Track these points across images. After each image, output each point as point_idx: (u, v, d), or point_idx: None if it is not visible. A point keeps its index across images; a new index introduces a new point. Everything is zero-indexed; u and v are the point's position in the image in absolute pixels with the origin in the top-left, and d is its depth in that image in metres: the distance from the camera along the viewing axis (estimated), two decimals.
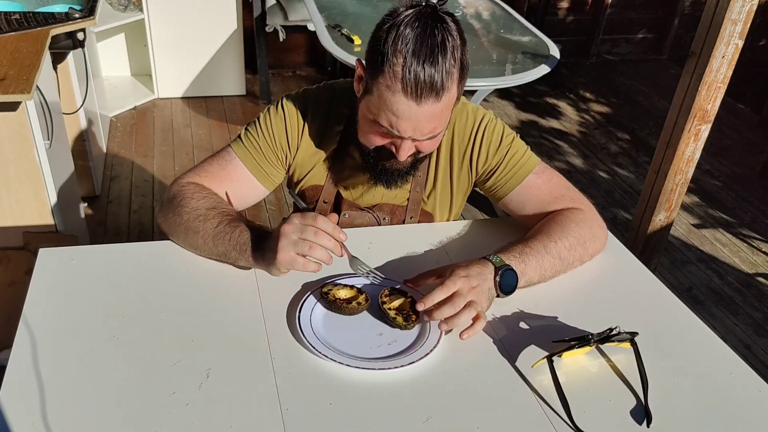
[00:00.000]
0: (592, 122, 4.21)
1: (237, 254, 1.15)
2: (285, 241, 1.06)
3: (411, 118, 1.11)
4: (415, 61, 1.06)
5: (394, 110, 1.10)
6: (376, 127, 1.16)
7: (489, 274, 1.11)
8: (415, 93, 1.07)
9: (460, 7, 3.38)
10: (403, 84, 1.07)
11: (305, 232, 1.06)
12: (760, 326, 2.62)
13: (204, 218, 1.18)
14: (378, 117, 1.14)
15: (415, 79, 1.06)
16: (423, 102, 1.08)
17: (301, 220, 1.07)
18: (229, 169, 1.30)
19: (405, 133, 1.13)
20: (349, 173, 1.35)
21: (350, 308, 1.10)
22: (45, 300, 1.10)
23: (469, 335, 1.05)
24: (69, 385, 0.94)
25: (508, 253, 1.16)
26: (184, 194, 1.23)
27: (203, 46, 3.92)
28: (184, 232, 1.20)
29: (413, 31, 1.06)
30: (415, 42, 1.06)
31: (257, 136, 1.31)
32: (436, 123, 1.14)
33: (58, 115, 2.24)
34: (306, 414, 0.92)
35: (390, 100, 1.10)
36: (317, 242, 1.06)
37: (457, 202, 1.41)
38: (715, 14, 2.15)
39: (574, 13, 4.93)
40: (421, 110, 1.09)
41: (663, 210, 2.52)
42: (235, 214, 1.21)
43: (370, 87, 1.13)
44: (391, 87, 1.09)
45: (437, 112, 1.11)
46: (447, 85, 1.08)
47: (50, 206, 2.01)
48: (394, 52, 1.07)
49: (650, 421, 0.95)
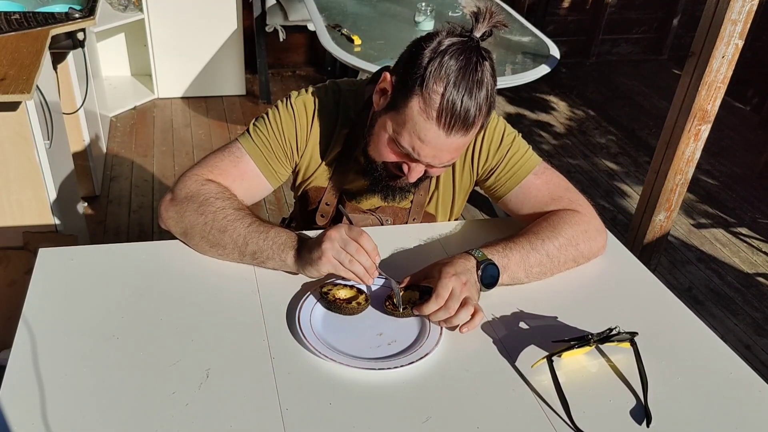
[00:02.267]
0: (592, 122, 4.21)
1: (274, 252, 1.15)
2: (329, 245, 1.09)
3: (437, 146, 1.12)
4: (456, 92, 1.06)
5: (422, 135, 1.11)
6: (394, 145, 1.17)
7: (472, 268, 1.12)
8: (448, 123, 1.08)
9: (460, 7, 3.38)
10: (438, 112, 1.08)
11: (349, 245, 1.09)
12: (760, 326, 2.62)
13: (234, 218, 1.18)
14: (400, 137, 1.15)
15: (452, 110, 1.07)
16: (453, 134, 1.10)
17: (348, 233, 1.09)
18: (241, 167, 1.28)
19: (425, 159, 1.15)
20: (352, 177, 1.35)
21: (350, 308, 1.10)
22: (45, 300, 1.10)
23: (469, 329, 1.07)
24: (69, 385, 0.94)
25: (492, 248, 1.17)
26: (208, 193, 1.21)
27: (203, 46, 3.92)
28: (208, 231, 1.18)
29: (457, 62, 1.07)
30: (457, 74, 1.07)
31: (267, 132, 1.29)
32: (456, 154, 1.16)
33: (58, 115, 2.24)
34: (306, 414, 0.92)
35: (420, 125, 1.10)
36: (357, 258, 1.09)
37: (458, 202, 1.41)
38: (715, 14, 2.15)
39: (574, 13, 4.93)
40: (449, 141, 1.11)
41: (663, 210, 2.52)
42: (261, 219, 1.22)
43: (398, 105, 1.13)
44: (424, 111, 1.09)
45: (461, 144, 1.14)
46: (477, 121, 1.10)
47: (50, 206, 2.01)
48: (435, 79, 1.07)
49: (650, 421, 0.95)
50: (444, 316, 1.07)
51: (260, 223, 1.18)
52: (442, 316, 1.07)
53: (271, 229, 1.17)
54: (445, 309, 1.06)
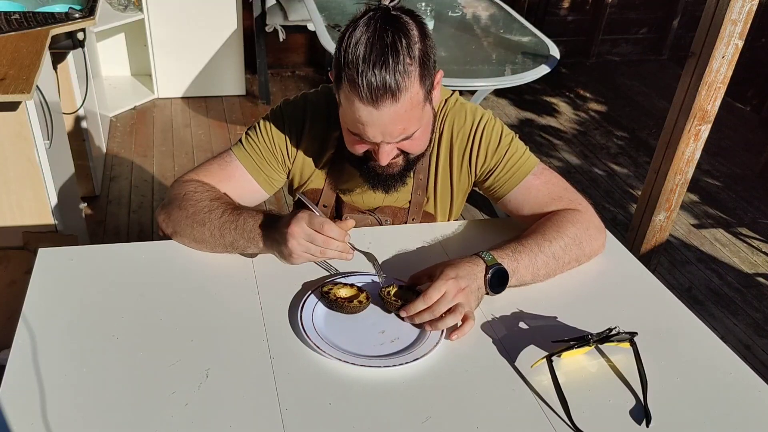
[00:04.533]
0: (592, 122, 4.21)
1: (245, 242, 1.16)
2: (294, 244, 1.08)
3: (374, 123, 1.11)
4: (366, 67, 1.05)
5: (357, 117, 1.11)
6: (351, 135, 1.17)
7: (479, 273, 1.12)
8: (370, 98, 1.07)
9: (460, 7, 3.38)
10: (358, 90, 1.07)
11: (314, 238, 1.08)
12: (760, 326, 2.62)
13: (209, 209, 1.19)
14: (348, 125, 1.16)
15: (368, 84, 1.06)
16: (381, 106, 1.08)
17: (310, 224, 1.08)
18: (229, 170, 1.31)
19: (375, 138, 1.14)
20: (347, 177, 1.36)
21: (352, 307, 1.10)
22: (44, 300, 1.10)
23: (457, 336, 1.06)
24: (69, 384, 0.94)
25: (501, 250, 1.16)
26: (187, 190, 1.24)
27: (203, 46, 3.92)
28: (190, 226, 1.20)
29: (364, 35, 1.06)
30: (365, 47, 1.05)
31: (258, 140, 1.32)
32: (405, 124, 1.13)
33: (58, 115, 2.24)
34: (305, 414, 0.92)
35: (351, 108, 1.10)
36: (325, 247, 1.08)
37: (457, 202, 1.41)
38: (715, 14, 2.15)
39: (574, 13, 4.93)
40: (382, 113, 1.09)
41: (663, 210, 2.52)
42: (238, 205, 1.22)
43: (339, 98, 1.14)
44: (348, 96, 1.09)
45: (400, 113, 1.10)
46: (403, 85, 1.07)
47: (50, 206, 2.01)
48: (347, 62, 1.07)
49: (649, 421, 0.95)
50: (428, 317, 1.06)
51: (231, 211, 1.18)
52: (426, 317, 1.06)
53: (240, 217, 1.17)
54: (430, 311, 1.06)
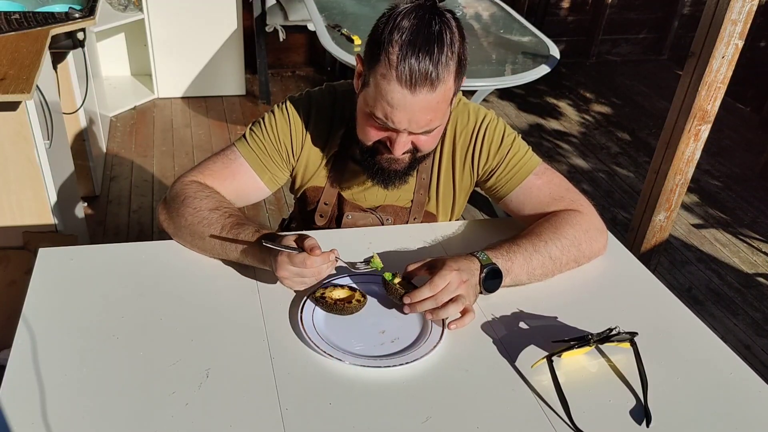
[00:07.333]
0: (592, 122, 4.21)
1: (245, 260, 1.17)
2: (289, 283, 1.11)
3: (406, 108, 1.10)
4: (411, 50, 1.06)
5: (389, 99, 1.10)
6: (372, 120, 1.16)
7: (475, 270, 1.12)
8: (409, 81, 1.07)
9: (460, 7, 3.38)
10: (398, 72, 1.07)
11: (303, 274, 1.08)
12: (760, 326, 2.62)
13: (208, 222, 1.18)
14: (374, 108, 1.14)
15: (410, 68, 1.06)
16: (417, 91, 1.08)
17: (293, 266, 1.08)
18: (233, 168, 1.30)
19: (400, 124, 1.13)
20: (350, 176, 1.36)
21: (351, 308, 1.10)
22: (44, 300, 1.10)
23: (456, 326, 1.07)
24: (69, 384, 0.94)
25: (496, 250, 1.17)
26: (187, 194, 1.23)
27: (203, 46, 3.92)
28: (189, 234, 1.21)
29: (410, 21, 1.07)
30: (411, 32, 1.06)
31: (262, 136, 1.31)
32: (432, 115, 1.13)
33: (58, 114, 2.24)
34: (305, 414, 0.92)
35: (385, 89, 1.10)
36: (320, 274, 1.10)
37: (459, 202, 1.41)
38: (715, 14, 2.15)
39: (574, 13, 4.93)
40: (416, 100, 1.09)
41: (663, 210, 2.52)
42: (237, 215, 1.21)
43: (368, 79, 1.14)
44: (386, 75, 1.08)
45: (433, 103, 1.11)
46: (443, 76, 1.08)
47: (50, 206, 2.01)
48: (390, 42, 1.07)
49: (650, 421, 0.95)
50: (431, 305, 1.06)
51: (230, 228, 1.17)
52: (429, 305, 1.06)
53: (239, 232, 1.17)
54: (433, 299, 1.06)
